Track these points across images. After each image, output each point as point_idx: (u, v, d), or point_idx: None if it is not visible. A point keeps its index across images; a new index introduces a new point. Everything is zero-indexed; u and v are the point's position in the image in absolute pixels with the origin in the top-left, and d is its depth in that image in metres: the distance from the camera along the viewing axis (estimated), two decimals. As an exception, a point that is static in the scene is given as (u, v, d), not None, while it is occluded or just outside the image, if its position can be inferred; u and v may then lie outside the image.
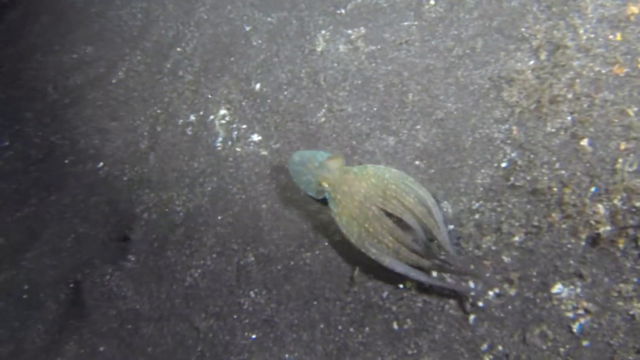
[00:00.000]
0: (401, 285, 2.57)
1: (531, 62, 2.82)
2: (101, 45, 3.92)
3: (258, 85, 3.30)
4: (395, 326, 2.53)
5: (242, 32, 3.53)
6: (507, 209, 2.56)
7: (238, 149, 3.14)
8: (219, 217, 2.95)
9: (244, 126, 3.21)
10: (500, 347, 2.38)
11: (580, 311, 2.35)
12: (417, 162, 2.80)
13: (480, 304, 2.46)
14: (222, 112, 3.28)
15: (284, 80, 3.26)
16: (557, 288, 2.41)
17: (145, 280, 2.91)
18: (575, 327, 2.33)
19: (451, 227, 2.60)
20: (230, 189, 3.02)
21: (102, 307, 2.91)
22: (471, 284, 2.50)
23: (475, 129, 2.79)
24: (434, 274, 2.52)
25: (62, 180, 3.43)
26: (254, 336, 2.68)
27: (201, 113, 3.33)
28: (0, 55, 4.09)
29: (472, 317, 2.45)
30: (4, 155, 3.66)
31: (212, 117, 3.29)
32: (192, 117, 3.34)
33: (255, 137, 3.15)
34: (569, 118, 2.63)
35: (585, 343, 2.29)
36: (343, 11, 3.37)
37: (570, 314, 2.36)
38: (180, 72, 3.53)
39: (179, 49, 3.63)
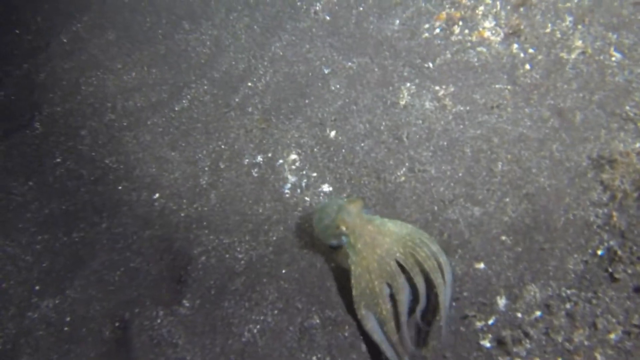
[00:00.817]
0: (480, 371, 2.39)
1: (637, 145, 2.66)
2: (166, 69, 3.79)
3: (333, 133, 3.14)
4: (469, 415, 2.35)
5: (320, 74, 3.38)
6: (603, 302, 2.38)
7: (307, 199, 2.98)
8: (284, 271, 2.78)
9: (314, 174, 3.05)
10: None
11: None
12: (503, 238, 2.63)
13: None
14: (293, 156, 3.12)
15: (362, 130, 3.10)
16: (654, 397, 2.23)
17: (199, 329, 2.73)
18: None
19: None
20: (297, 242, 2.85)
21: (150, 352, 2.73)
22: (559, 380, 2.31)
23: (569, 209, 2.62)
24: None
25: (114, 207, 3.27)
26: (314, 407, 2.50)
27: (269, 155, 3.17)
28: (61, 66, 3.97)
29: (558, 417, 2.27)
30: (54, 172, 3.51)
31: (281, 160, 3.13)
32: (259, 158, 3.18)
33: (326, 188, 2.99)
34: (680, 212, 2.46)
35: None
36: (431, 65, 3.21)
37: None
38: (249, 108, 3.38)
39: (249, 84, 3.48)
